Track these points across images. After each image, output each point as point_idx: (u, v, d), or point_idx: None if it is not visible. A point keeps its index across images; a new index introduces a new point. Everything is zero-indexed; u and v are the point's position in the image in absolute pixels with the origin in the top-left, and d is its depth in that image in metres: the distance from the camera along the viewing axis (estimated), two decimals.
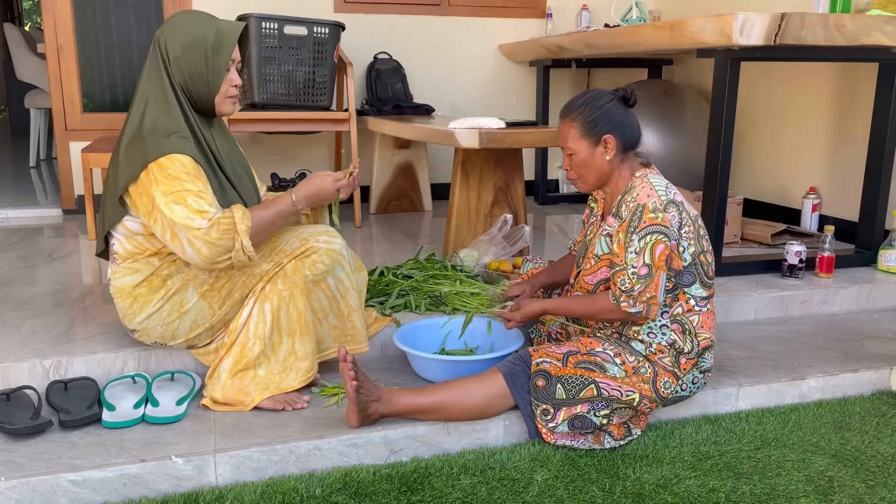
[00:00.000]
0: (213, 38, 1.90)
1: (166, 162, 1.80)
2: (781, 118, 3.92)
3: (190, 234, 1.78)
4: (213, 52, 1.90)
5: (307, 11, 4.08)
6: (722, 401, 2.14)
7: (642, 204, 1.85)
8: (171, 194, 1.78)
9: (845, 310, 2.86)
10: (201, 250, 1.80)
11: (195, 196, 1.79)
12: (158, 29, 1.94)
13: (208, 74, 1.91)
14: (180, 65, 1.89)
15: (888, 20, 2.69)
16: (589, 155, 1.94)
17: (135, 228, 1.91)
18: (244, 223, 1.82)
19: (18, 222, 3.95)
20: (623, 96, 1.95)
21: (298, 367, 1.98)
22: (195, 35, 1.89)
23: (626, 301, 1.85)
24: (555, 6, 4.66)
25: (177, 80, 1.91)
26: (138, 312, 1.95)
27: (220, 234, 1.79)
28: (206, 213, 1.79)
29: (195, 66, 1.90)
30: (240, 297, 1.97)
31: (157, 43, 1.91)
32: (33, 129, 5.68)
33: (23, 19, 11.65)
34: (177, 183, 1.79)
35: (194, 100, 1.94)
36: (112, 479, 1.67)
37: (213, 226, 1.78)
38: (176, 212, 1.78)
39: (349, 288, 2.06)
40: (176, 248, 1.83)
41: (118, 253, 1.95)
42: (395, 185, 4.22)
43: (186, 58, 1.89)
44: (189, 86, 1.92)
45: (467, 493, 1.70)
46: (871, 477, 1.81)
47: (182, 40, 1.89)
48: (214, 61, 1.91)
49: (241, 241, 1.82)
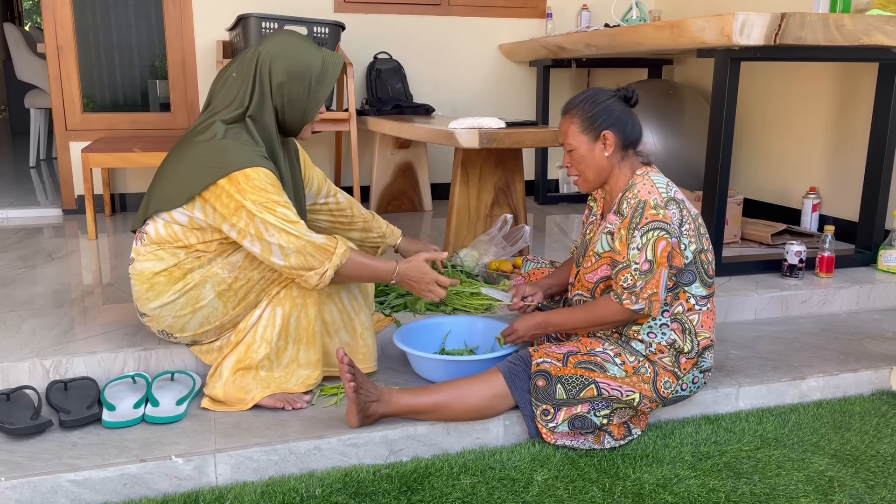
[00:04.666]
0: (319, 70, 1.94)
1: (252, 173, 1.82)
2: (781, 118, 3.92)
3: (284, 239, 1.81)
4: (316, 84, 1.95)
5: (307, 11, 4.09)
6: (722, 401, 2.14)
7: (644, 200, 1.86)
8: (260, 203, 1.81)
9: (845, 310, 2.86)
10: (290, 257, 1.83)
11: (283, 206, 1.83)
12: (261, 46, 1.93)
13: (307, 104, 1.95)
14: (283, 90, 1.92)
15: (888, 20, 2.69)
16: (588, 151, 1.95)
17: (179, 218, 1.90)
18: (341, 258, 1.86)
19: (18, 222, 3.95)
20: (624, 95, 1.95)
21: (300, 374, 1.99)
22: (303, 64, 1.92)
23: (628, 298, 1.85)
24: (555, 6, 4.66)
25: (276, 103, 1.93)
26: (153, 299, 1.95)
27: (315, 250, 1.83)
28: (297, 222, 1.83)
29: (297, 94, 1.93)
30: (255, 301, 1.98)
31: (259, 61, 1.91)
32: (33, 129, 5.68)
33: (23, 19, 11.65)
34: (264, 193, 1.82)
35: (285, 123, 1.97)
36: (112, 479, 1.67)
37: (313, 240, 1.83)
38: (269, 217, 1.80)
39: (362, 306, 2.09)
40: (255, 247, 1.83)
41: (149, 234, 1.94)
42: (395, 185, 4.22)
43: (290, 85, 1.92)
44: (286, 111, 1.95)
45: (467, 493, 1.71)
46: (871, 477, 1.81)
47: (290, 67, 1.91)
48: (317, 93, 1.95)
49: (326, 269, 1.85)
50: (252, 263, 1.93)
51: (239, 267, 1.93)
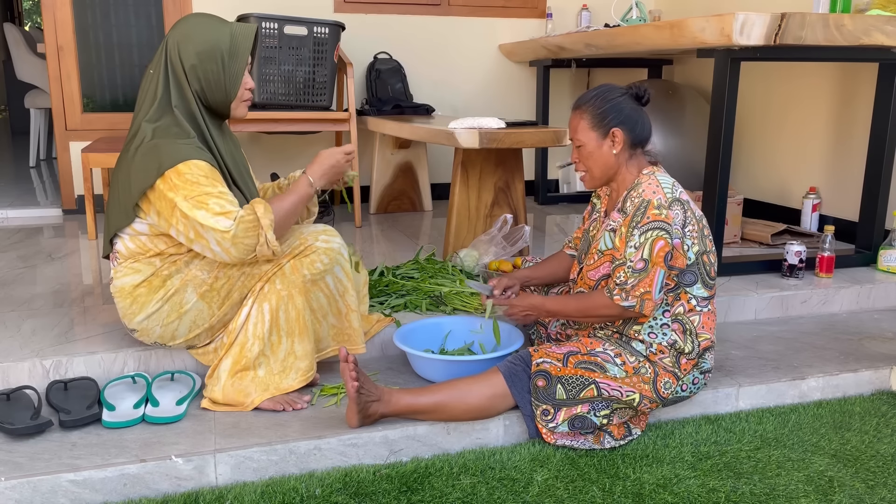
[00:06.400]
0: (229, 44, 1.90)
1: (184, 168, 1.80)
2: (781, 118, 3.92)
3: (217, 236, 1.79)
4: (229, 59, 1.90)
5: (307, 11, 4.08)
6: (722, 401, 2.14)
7: (647, 200, 1.86)
8: (192, 198, 1.79)
9: (845, 310, 2.86)
10: (230, 250, 1.81)
11: (216, 198, 1.80)
12: (168, 34, 1.92)
13: (225, 81, 1.91)
14: (197, 73, 1.89)
15: (888, 20, 2.69)
16: (596, 148, 1.95)
17: (140, 229, 1.91)
18: (267, 217, 1.83)
19: (18, 222, 3.95)
20: (636, 94, 1.95)
21: (298, 366, 1.98)
22: (210, 42, 1.88)
23: (619, 294, 1.86)
24: (555, 6, 4.66)
25: (194, 88, 1.90)
26: (138, 312, 1.95)
27: (245, 232, 1.80)
28: (229, 213, 1.80)
29: (212, 73, 1.90)
30: (239, 298, 1.97)
31: (167, 49, 1.89)
32: (33, 129, 5.68)
33: (23, 19, 11.65)
34: (196, 187, 1.80)
35: (210, 105, 1.94)
36: (112, 479, 1.67)
37: (237, 224, 1.79)
38: (199, 215, 1.78)
39: (348, 287, 2.06)
40: (201, 247, 1.83)
41: (120, 252, 1.95)
42: (395, 185, 4.22)
43: (203, 66, 1.89)
44: (206, 93, 1.92)
45: (467, 493, 1.70)
46: (871, 477, 1.81)
47: (197, 48, 1.88)
48: (231, 68, 1.91)
49: (265, 236, 1.82)
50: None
51: (217, 266, 1.93)
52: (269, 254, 1.85)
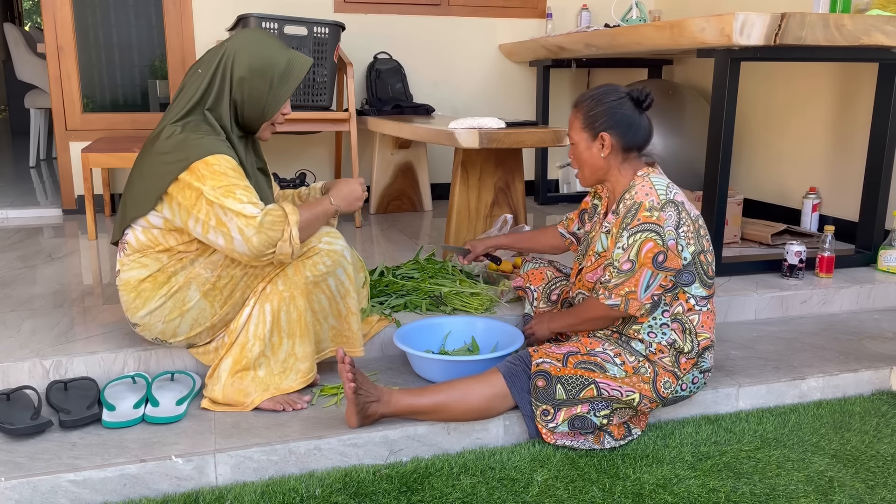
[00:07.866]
0: (283, 69, 1.93)
1: (213, 160, 1.82)
2: (781, 118, 3.92)
3: (242, 222, 1.79)
4: (279, 82, 1.94)
5: (307, 11, 4.08)
6: (722, 401, 2.14)
7: (639, 202, 1.86)
8: (220, 187, 1.80)
9: (845, 310, 2.86)
10: (251, 239, 1.79)
11: (243, 189, 1.82)
12: (228, 41, 1.94)
13: (267, 101, 1.94)
14: (243, 85, 1.91)
15: (888, 20, 2.69)
16: (585, 149, 1.97)
17: (155, 222, 1.90)
18: (294, 215, 1.84)
19: (18, 222, 3.95)
20: (637, 98, 1.94)
21: (298, 368, 1.98)
22: (266, 60, 1.91)
23: (604, 293, 1.87)
24: (555, 6, 4.66)
25: (234, 98, 1.92)
26: (141, 307, 1.95)
27: (271, 223, 1.81)
28: (257, 203, 1.81)
29: (258, 90, 1.92)
30: (241, 298, 1.97)
31: (224, 55, 1.91)
32: (33, 129, 5.68)
33: (23, 19, 11.65)
34: (224, 178, 1.81)
35: (242, 119, 1.96)
36: (112, 479, 1.67)
37: (265, 215, 1.80)
38: (226, 202, 1.79)
39: (349, 289, 2.06)
40: (219, 238, 1.81)
41: (130, 244, 1.95)
42: (395, 185, 4.22)
43: (252, 80, 1.91)
44: (244, 107, 1.94)
45: (467, 493, 1.71)
46: (871, 477, 1.81)
47: (252, 62, 1.90)
48: (278, 90, 1.94)
49: (290, 231, 1.83)
50: (233, 260, 1.92)
51: (221, 265, 1.93)
52: (288, 252, 1.84)
